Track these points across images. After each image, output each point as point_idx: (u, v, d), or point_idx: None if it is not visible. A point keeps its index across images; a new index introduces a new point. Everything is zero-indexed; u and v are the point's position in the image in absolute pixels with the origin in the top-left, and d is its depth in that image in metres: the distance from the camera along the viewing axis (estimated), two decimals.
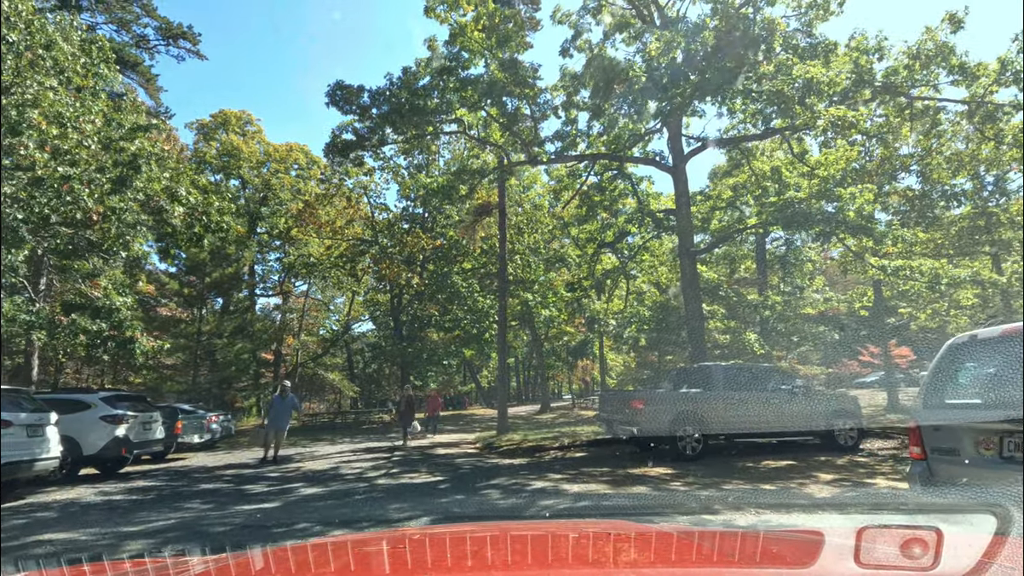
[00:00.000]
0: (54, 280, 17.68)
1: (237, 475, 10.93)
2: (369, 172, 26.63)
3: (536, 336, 33.63)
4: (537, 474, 9.64)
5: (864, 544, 1.35)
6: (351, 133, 16.02)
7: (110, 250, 13.64)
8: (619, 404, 11.62)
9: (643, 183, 18.49)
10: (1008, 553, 1.23)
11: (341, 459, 13.03)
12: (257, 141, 31.97)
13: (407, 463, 11.79)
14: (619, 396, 11.83)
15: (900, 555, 1.32)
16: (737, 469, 9.75)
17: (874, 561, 1.27)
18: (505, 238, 18.21)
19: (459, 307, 23.68)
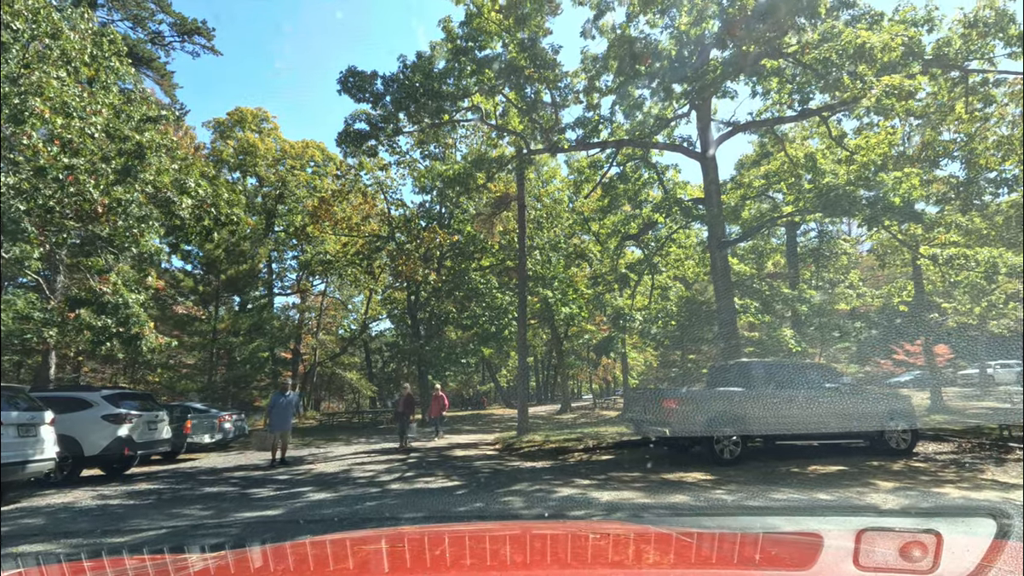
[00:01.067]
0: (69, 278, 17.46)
1: (245, 478, 10.38)
2: (385, 167, 26.14)
3: (556, 334, 32.84)
4: (562, 479, 8.88)
5: (863, 547, 1.35)
6: (364, 122, 15.43)
7: (120, 245, 13.24)
8: (649, 403, 10.81)
9: (669, 172, 17.60)
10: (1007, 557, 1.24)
11: (355, 461, 12.43)
12: (273, 138, 31.73)
13: (422, 466, 11.13)
14: (649, 395, 11.03)
15: (899, 558, 1.32)
16: (782, 475, 8.87)
17: (873, 564, 1.26)
18: (524, 231, 17.48)
19: (477, 304, 23.00)
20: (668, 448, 11.97)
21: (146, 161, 12.37)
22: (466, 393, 53.00)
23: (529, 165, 16.66)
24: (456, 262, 24.90)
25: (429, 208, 28.14)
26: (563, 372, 34.48)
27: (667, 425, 10.03)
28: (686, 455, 11.66)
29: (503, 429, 21.60)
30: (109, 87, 14.47)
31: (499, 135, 16.16)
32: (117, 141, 11.40)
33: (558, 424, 22.53)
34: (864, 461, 9.94)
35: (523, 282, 16.97)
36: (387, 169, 26.25)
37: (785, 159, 17.45)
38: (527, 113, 14.42)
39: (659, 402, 10.28)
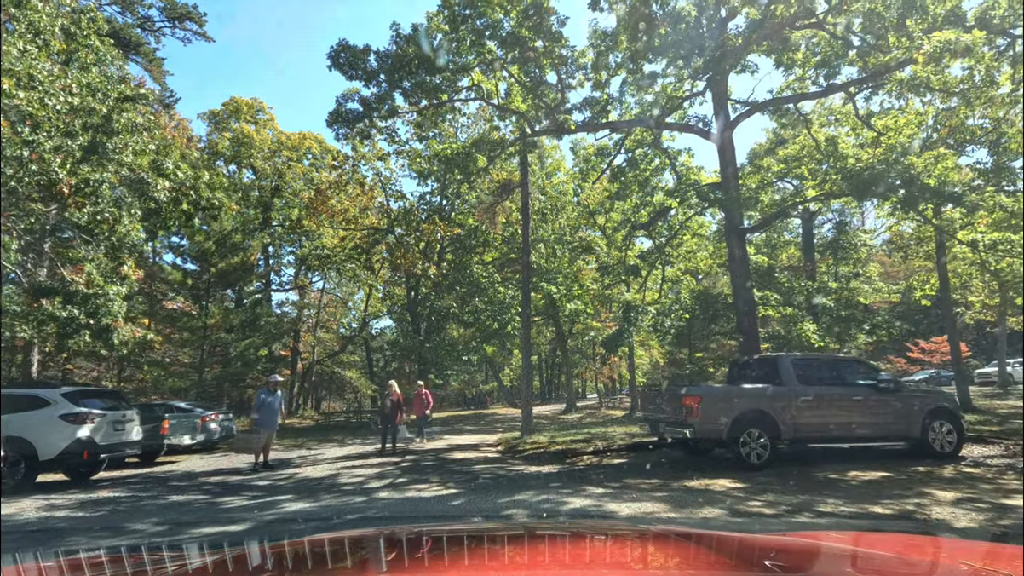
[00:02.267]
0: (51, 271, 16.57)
1: (221, 484, 9.41)
2: (383, 158, 25.19)
3: (560, 331, 31.83)
4: (572, 487, 7.87)
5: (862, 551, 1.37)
6: (357, 103, 14.45)
7: (94, 232, 12.30)
8: (667, 402, 9.79)
9: (681, 156, 16.54)
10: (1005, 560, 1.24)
11: (345, 464, 11.45)
12: (270, 130, 30.82)
13: (416, 471, 10.13)
14: (667, 393, 10.01)
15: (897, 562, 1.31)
16: (821, 482, 7.85)
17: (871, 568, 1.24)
18: (528, 220, 16.45)
19: (480, 299, 22.00)
20: (686, 451, 10.95)
21: (118, 138, 11.42)
22: (469, 392, 51.99)
23: (533, 149, 15.64)
24: (457, 255, 23.91)
25: (430, 201, 27.17)
26: (568, 370, 33.46)
27: (688, 426, 9.01)
28: (706, 459, 10.64)
29: (506, 429, 20.59)
30: (88, 67, 13.52)
31: (501, 116, 15.12)
32: (83, 115, 10.44)
33: (563, 424, 21.51)
34: (908, 466, 8.90)
35: (527, 274, 15.95)
36: (386, 160, 25.30)
37: (807, 143, 16.40)
38: (531, 90, 13.40)
39: (678, 400, 9.25)
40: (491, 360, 44.90)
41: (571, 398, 31.91)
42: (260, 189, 29.45)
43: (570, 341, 35.57)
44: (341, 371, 39.52)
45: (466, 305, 22.11)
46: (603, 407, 34.11)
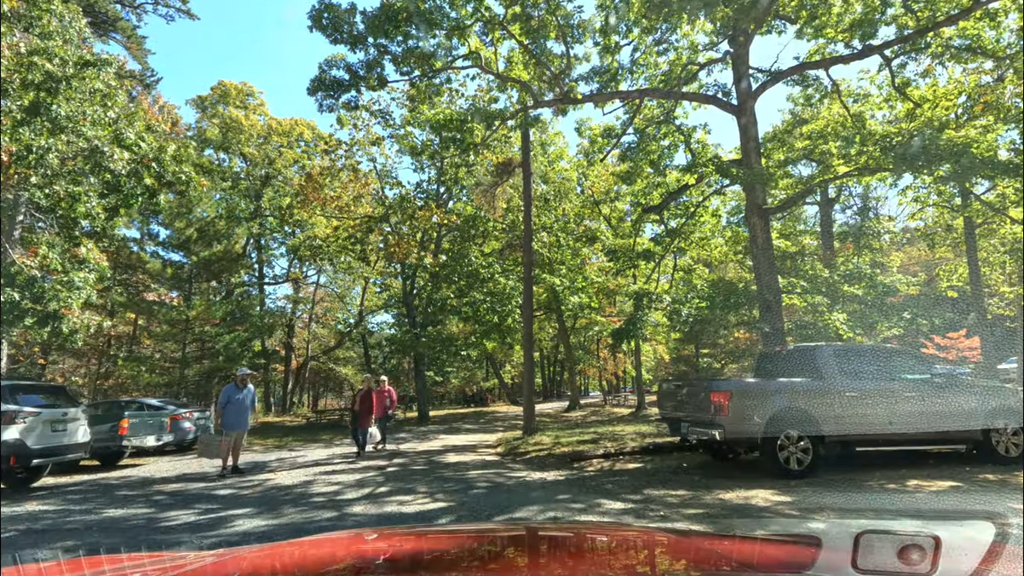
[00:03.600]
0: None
1: (176, 493, 8.17)
2: (377, 142, 23.88)
3: (563, 326, 30.56)
4: (584, 500, 6.62)
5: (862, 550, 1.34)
6: (343, 70, 13.17)
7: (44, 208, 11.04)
8: (690, 399, 8.50)
9: (696, 133, 15.22)
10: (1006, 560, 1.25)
11: (326, 468, 10.20)
12: (260, 116, 29.54)
13: (402, 477, 8.86)
14: (691, 387, 8.71)
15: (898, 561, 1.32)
16: (878, 493, 6.59)
17: (871, 567, 1.26)
18: (530, 201, 15.18)
19: (478, 290, 20.72)
20: (710, 454, 9.69)
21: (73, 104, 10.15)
22: (469, 390, 50.64)
23: (535, 123, 14.34)
24: (455, 244, 22.61)
25: (426, 189, 25.86)
26: (571, 367, 32.18)
27: (716, 426, 7.73)
28: (733, 463, 9.39)
29: (507, 428, 19.35)
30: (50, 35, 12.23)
31: (501, 86, 13.81)
32: (22, 70, 9.17)
33: (567, 423, 20.25)
34: (974, 473, 7.63)
35: (529, 260, 14.68)
36: (380, 144, 23.99)
37: (832, 118, 15.09)
38: (534, 55, 12.09)
39: (704, 397, 7.97)
40: (491, 357, 43.58)
41: (575, 396, 30.63)
42: (250, 176, 28.16)
43: (573, 337, 34.32)
44: (337, 367, 38.31)
45: (464, 296, 20.82)
46: (607, 405, 32.84)
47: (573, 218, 22.38)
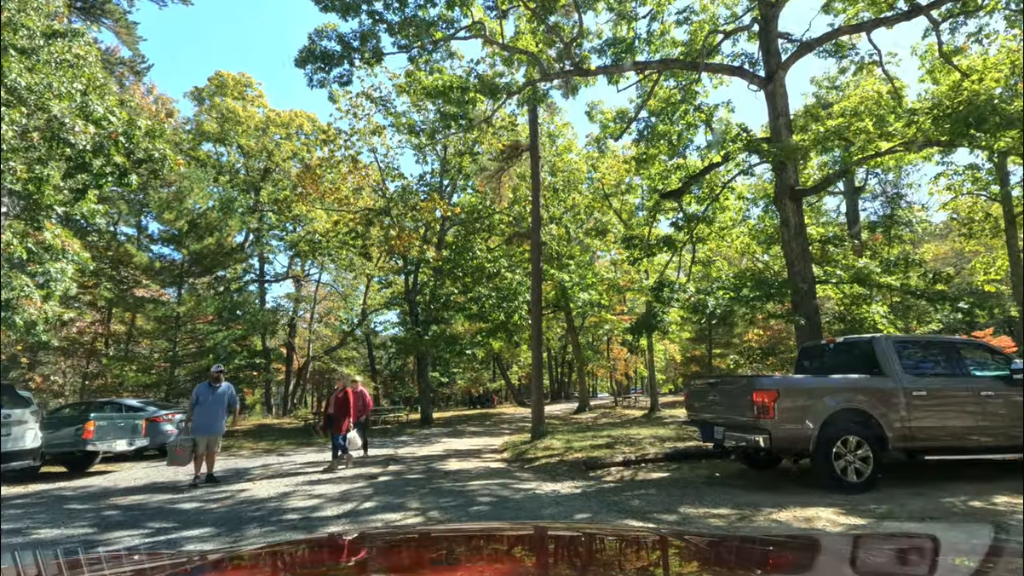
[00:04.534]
0: None
1: (133, 507, 7.09)
2: (378, 131, 22.83)
3: (572, 325, 29.41)
4: (608, 519, 5.47)
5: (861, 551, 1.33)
6: (335, 40, 12.10)
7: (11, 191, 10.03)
8: (727, 398, 7.32)
9: (719, 111, 14.03)
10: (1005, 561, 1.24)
11: (310, 477, 9.10)
12: (259, 108, 28.59)
13: (393, 489, 7.73)
14: (727, 386, 7.51)
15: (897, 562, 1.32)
16: (965, 514, 5.41)
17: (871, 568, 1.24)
18: (539, 188, 14.05)
19: (484, 285, 19.59)
20: (744, 462, 8.51)
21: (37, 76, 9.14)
22: (475, 391, 49.52)
23: (544, 99, 13.21)
24: (459, 238, 21.53)
25: (429, 182, 24.77)
26: (580, 367, 30.98)
27: (760, 431, 6.56)
28: (773, 473, 8.21)
29: (514, 431, 18.22)
30: None
31: (507, 60, 12.68)
32: None
33: (577, 425, 19.10)
34: None
35: (537, 249, 13.55)
36: (380, 133, 22.93)
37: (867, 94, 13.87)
38: (543, 19, 10.96)
39: (746, 396, 6.80)
40: (498, 357, 42.47)
41: (584, 397, 29.47)
42: (248, 169, 27.21)
43: (581, 336, 33.16)
44: (339, 368, 37.31)
45: (468, 292, 19.70)
46: (618, 406, 31.64)
47: (583, 209, 21.20)
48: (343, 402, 9.80)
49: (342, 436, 9.64)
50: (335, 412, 9.87)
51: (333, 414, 9.89)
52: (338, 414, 9.80)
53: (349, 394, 9.87)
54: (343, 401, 9.83)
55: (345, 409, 9.74)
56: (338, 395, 9.94)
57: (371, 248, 24.09)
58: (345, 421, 9.68)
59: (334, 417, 9.85)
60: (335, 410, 9.88)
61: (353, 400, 9.93)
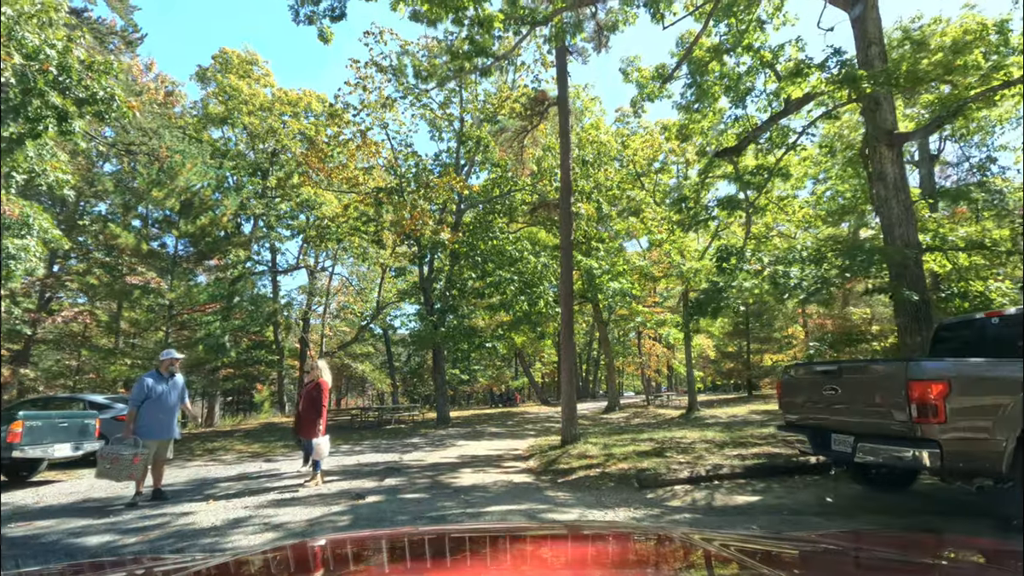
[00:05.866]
0: None
1: (31, 537, 5.17)
2: (388, 104, 20.88)
3: (600, 317, 27.14)
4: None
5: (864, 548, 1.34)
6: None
7: None
8: (859, 392, 5.06)
9: (784, 52, 11.62)
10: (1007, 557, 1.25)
11: (284, 495, 7.10)
12: (268, 88, 26.90)
13: (380, 516, 5.63)
14: (857, 373, 5.20)
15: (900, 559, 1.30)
16: None
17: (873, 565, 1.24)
18: (569, 147, 11.89)
19: (506, 269, 17.48)
20: (859, 480, 6.24)
21: None
22: (497, 389, 47.47)
23: (577, 31, 10.99)
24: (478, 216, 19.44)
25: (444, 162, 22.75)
26: (609, 362, 28.70)
27: (925, 443, 4.32)
28: (905, 495, 5.93)
29: (539, 432, 16.10)
30: None
31: None
32: None
33: (610, 426, 16.90)
34: None
35: (567, 220, 11.38)
36: (392, 107, 20.99)
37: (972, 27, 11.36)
38: None
39: (896, 389, 4.56)
40: (520, 353, 40.33)
41: (613, 395, 27.19)
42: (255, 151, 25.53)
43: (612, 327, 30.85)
44: (354, 364, 35.64)
45: (488, 276, 17.63)
46: (650, 406, 29.28)
47: (616, 185, 18.93)
48: (315, 397, 7.69)
49: (313, 441, 7.54)
50: (303, 410, 7.77)
51: (302, 413, 7.80)
52: (307, 414, 7.69)
53: (323, 386, 7.77)
54: (313, 398, 7.71)
55: (317, 406, 7.63)
56: (308, 388, 7.86)
57: (384, 233, 22.19)
58: (315, 421, 7.56)
59: (303, 417, 7.76)
60: (304, 408, 7.78)
61: (325, 395, 7.79)
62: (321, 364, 7.94)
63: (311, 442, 7.56)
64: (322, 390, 7.67)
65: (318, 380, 7.75)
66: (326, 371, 7.90)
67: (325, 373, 7.85)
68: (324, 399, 7.66)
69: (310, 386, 7.81)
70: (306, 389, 7.85)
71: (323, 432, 7.54)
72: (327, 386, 7.82)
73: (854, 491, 6.15)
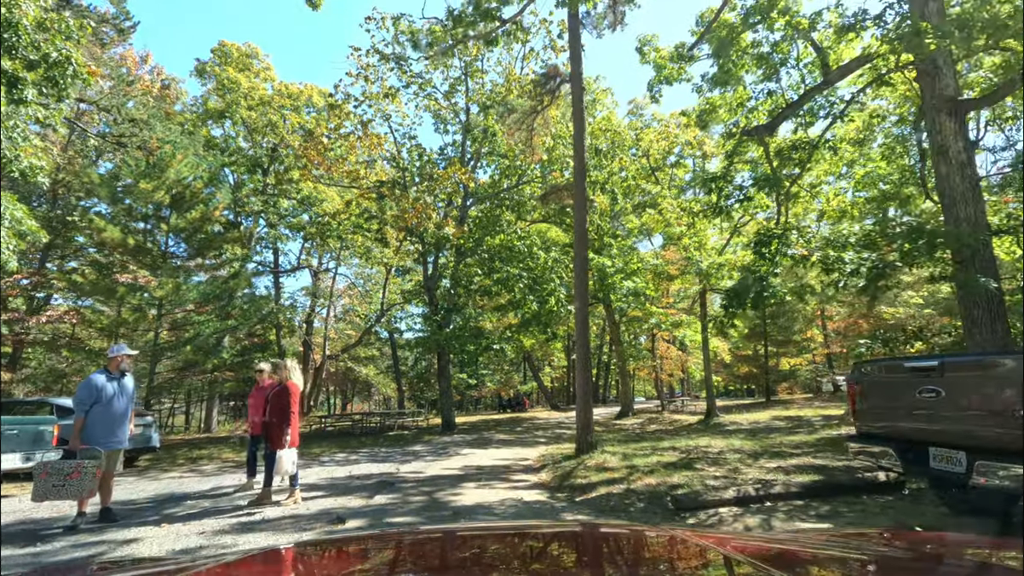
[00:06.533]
0: None
1: None
2: (391, 94, 19.95)
3: (612, 318, 25.98)
4: None
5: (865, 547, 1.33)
6: None
7: None
8: (968, 394, 3.93)
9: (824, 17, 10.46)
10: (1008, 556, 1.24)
11: (253, 517, 6.04)
12: (268, 84, 26.10)
13: None
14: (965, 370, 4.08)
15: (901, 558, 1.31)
16: None
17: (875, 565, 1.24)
18: (583, 124, 10.82)
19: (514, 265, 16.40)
20: (945, 503, 5.09)
21: None
22: (505, 393, 46.32)
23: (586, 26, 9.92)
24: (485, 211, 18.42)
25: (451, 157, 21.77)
26: (622, 366, 27.49)
27: None
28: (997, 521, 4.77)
29: (550, 440, 14.97)
30: None
31: None
32: None
33: (625, 433, 15.73)
34: None
35: (581, 205, 10.28)
36: (395, 98, 20.05)
37: None
38: None
39: None
40: (529, 357, 39.20)
41: (627, 400, 26.02)
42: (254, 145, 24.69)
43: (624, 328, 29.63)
44: (358, 368, 34.65)
45: (495, 273, 16.55)
46: (665, 411, 28.05)
47: (631, 176, 17.82)
48: (284, 402, 6.55)
49: (277, 453, 6.33)
50: (272, 416, 6.64)
51: (269, 420, 6.68)
52: (275, 420, 6.57)
53: (292, 390, 6.66)
54: (283, 401, 6.51)
55: (285, 412, 6.50)
56: (275, 391, 6.76)
57: (386, 230, 21.21)
58: (282, 428, 6.44)
59: (270, 424, 6.64)
60: (273, 413, 6.64)
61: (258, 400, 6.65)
62: (290, 364, 6.84)
63: (274, 454, 6.40)
64: (291, 394, 6.56)
65: (286, 383, 6.67)
66: (296, 372, 6.81)
67: (295, 374, 6.76)
68: (294, 404, 6.55)
69: (276, 389, 6.72)
70: (273, 393, 6.74)
71: (292, 443, 6.44)
72: (297, 390, 6.72)
73: (937, 512, 4.98)
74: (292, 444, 6.43)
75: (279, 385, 6.69)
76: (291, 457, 6.34)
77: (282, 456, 6.20)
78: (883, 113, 10.76)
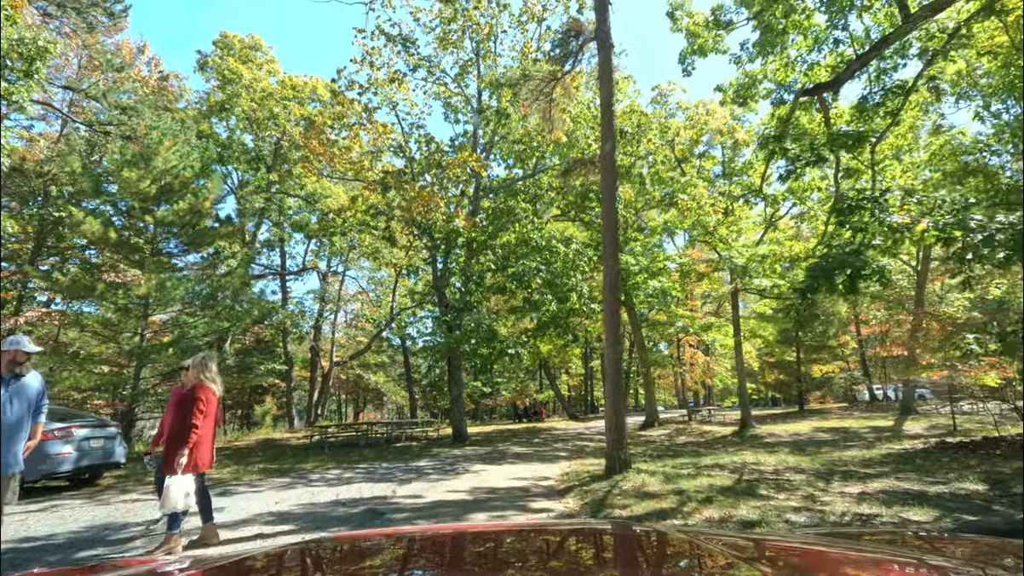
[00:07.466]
0: None
1: None
2: (398, 79, 18.63)
3: (636, 321, 24.25)
4: None
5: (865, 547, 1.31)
6: None
7: None
8: None
9: None
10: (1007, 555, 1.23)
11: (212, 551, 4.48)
12: (273, 78, 24.98)
13: None
14: None
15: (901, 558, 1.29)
16: None
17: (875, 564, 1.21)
18: (612, 88, 9.25)
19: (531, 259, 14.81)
20: None
21: None
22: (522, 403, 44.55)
23: None
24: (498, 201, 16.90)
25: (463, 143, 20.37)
26: (647, 372, 25.69)
27: None
28: None
29: (572, 453, 13.24)
30: None
31: None
32: None
33: (654, 446, 13.98)
34: None
35: (611, 180, 8.70)
36: (401, 82, 18.72)
37: None
38: None
39: None
40: (546, 364, 37.46)
41: (652, 410, 24.23)
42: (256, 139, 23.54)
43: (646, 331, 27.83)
44: (367, 375, 33.23)
45: (509, 267, 14.99)
46: (692, 421, 26.11)
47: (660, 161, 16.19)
48: (185, 408, 4.86)
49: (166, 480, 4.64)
50: (173, 428, 4.99)
51: (169, 434, 5.04)
52: (172, 436, 4.95)
53: (201, 394, 4.91)
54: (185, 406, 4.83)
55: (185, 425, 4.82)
56: (181, 392, 5.18)
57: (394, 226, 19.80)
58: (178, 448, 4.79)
59: (169, 439, 4.99)
60: (174, 425, 5.00)
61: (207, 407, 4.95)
62: (203, 361, 5.16)
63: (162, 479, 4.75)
64: (199, 401, 4.89)
65: (195, 384, 5.04)
66: (210, 371, 5.13)
67: (206, 374, 5.09)
68: (198, 415, 4.83)
69: (183, 393, 5.12)
70: (178, 399, 5.11)
71: (198, 467, 4.80)
72: (210, 396, 5.02)
73: None
74: (198, 468, 4.80)
75: (185, 388, 5.09)
76: (183, 487, 4.61)
77: (170, 485, 4.56)
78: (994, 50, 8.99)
